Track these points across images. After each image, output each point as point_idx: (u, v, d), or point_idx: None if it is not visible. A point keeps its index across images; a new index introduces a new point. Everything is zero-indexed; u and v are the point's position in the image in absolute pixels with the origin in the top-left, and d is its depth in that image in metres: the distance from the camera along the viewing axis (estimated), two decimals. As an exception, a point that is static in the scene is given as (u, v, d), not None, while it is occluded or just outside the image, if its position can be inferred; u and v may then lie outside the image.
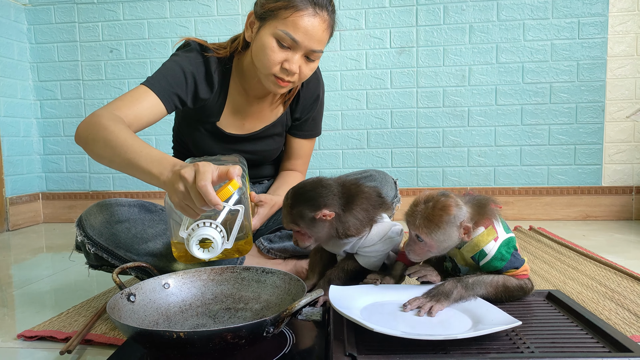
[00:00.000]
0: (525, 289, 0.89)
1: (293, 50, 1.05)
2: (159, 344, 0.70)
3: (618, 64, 2.17)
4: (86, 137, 0.96)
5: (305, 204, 0.90)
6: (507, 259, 0.86)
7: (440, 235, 0.83)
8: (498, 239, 0.87)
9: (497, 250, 0.86)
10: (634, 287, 1.17)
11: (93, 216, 1.04)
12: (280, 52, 1.05)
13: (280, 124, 1.29)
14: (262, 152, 1.30)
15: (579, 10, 2.16)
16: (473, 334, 0.67)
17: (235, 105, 1.22)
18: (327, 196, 0.90)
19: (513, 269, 0.87)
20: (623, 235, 1.89)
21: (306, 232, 0.93)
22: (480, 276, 0.86)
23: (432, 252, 0.86)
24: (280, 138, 1.32)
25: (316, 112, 1.33)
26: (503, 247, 0.87)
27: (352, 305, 0.80)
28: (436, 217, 0.82)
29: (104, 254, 1.02)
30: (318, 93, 1.30)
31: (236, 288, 0.96)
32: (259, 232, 1.36)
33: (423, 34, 2.26)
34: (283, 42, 1.04)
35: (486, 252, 0.86)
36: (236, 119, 1.24)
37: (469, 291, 0.83)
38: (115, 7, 2.40)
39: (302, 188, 0.93)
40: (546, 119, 2.22)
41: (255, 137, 1.27)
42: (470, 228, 0.84)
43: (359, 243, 0.95)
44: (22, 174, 2.43)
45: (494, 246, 0.86)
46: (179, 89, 1.10)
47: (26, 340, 0.95)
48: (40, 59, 2.48)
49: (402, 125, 2.30)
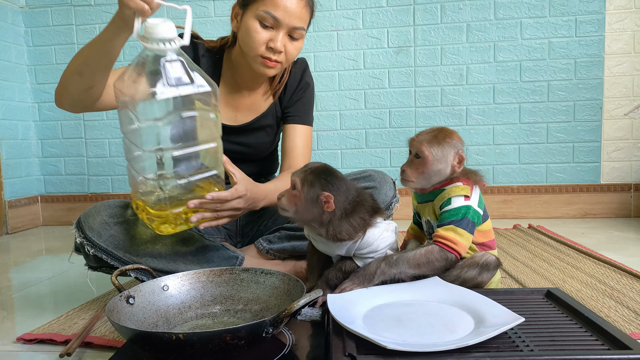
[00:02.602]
0: (449, 260, 0.91)
1: (276, 29, 1.11)
2: (158, 345, 0.70)
3: (615, 62, 2.17)
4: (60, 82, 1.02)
5: (323, 178, 0.89)
6: (458, 218, 0.91)
7: (439, 152, 0.93)
8: (468, 200, 0.93)
9: (459, 207, 0.92)
10: (633, 285, 1.17)
11: (92, 217, 1.04)
12: (264, 32, 1.11)
13: (271, 115, 1.31)
14: (255, 145, 1.32)
15: (576, 8, 2.16)
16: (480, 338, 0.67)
17: (227, 98, 1.27)
18: (340, 195, 0.90)
19: (451, 230, 0.90)
20: (622, 232, 1.89)
21: (300, 198, 0.90)
22: (405, 252, 0.91)
23: (425, 173, 0.94)
24: (271, 130, 1.33)
25: (305, 99, 1.32)
26: (465, 208, 0.92)
27: (353, 314, 0.79)
28: (441, 137, 0.94)
29: (103, 255, 1.02)
30: (307, 81, 1.32)
31: (235, 289, 0.96)
32: (259, 233, 1.36)
33: (420, 34, 2.26)
34: (265, 22, 1.10)
35: (451, 202, 0.93)
36: (228, 110, 1.28)
37: (393, 268, 0.89)
38: (112, 9, 2.40)
39: (334, 171, 0.93)
40: (544, 117, 2.23)
41: (248, 129, 1.29)
42: (464, 158, 0.94)
43: (354, 247, 0.94)
44: (21, 177, 2.43)
45: (461, 202, 0.92)
46: None
47: (25, 343, 0.95)
48: (38, 61, 2.47)
49: (401, 125, 2.30)
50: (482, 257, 0.93)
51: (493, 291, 0.92)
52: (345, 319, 0.74)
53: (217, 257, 1.16)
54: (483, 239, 0.97)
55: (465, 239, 0.91)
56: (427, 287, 0.89)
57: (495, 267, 0.93)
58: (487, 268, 0.92)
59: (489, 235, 0.99)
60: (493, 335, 0.68)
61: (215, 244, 1.18)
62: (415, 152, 0.95)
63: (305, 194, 0.89)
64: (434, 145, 0.93)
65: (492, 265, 0.93)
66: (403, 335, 0.72)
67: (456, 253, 0.90)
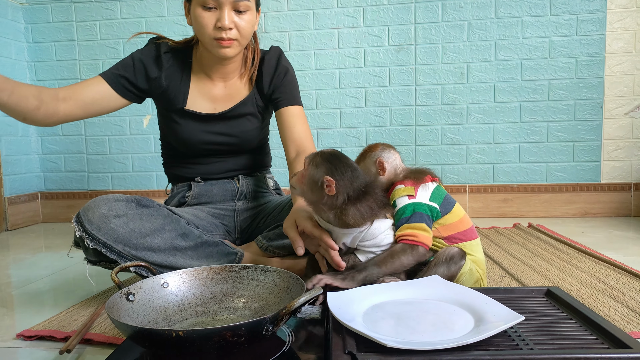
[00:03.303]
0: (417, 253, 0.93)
1: (219, 8, 1.14)
2: (158, 343, 0.70)
3: (616, 61, 2.16)
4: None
5: (329, 163, 0.91)
6: (407, 215, 0.94)
7: (362, 166, 1.03)
8: (413, 198, 0.96)
9: (404, 205, 0.96)
10: (633, 284, 1.17)
11: (91, 211, 1.04)
12: (209, 14, 1.15)
13: (250, 103, 1.32)
14: (239, 134, 1.33)
15: (577, 7, 2.15)
16: (480, 337, 0.67)
17: (202, 90, 1.31)
18: (344, 181, 0.91)
19: (405, 228, 0.94)
20: (622, 232, 1.89)
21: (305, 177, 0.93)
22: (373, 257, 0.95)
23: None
24: (254, 118, 1.34)
25: (287, 82, 1.33)
26: (410, 205, 0.96)
27: (353, 312, 0.79)
28: (363, 152, 1.06)
29: (102, 249, 1.02)
30: (284, 65, 1.33)
31: (235, 287, 0.96)
32: (258, 230, 1.36)
33: (421, 32, 2.25)
34: (207, 4, 1.14)
35: (396, 204, 0.98)
36: (206, 101, 1.31)
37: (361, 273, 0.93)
38: (112, 6, 2.39)
39: (343, 158, 0.94)
40: (545, 116, 2.22)
41: (228, 116, 1.31)
42: (383, 163, 1.01)
43: (359, 237, 0.95)
44: (21, 174, 2.43)
45: (405, 201, 0.96)
46: (126, 72, 1.25)
47: (25, 339, 0.95)
48: (38, 58, 2.47)
49: (401, 123, 2.30)
50: (445, 252, 0.96)
51: (493, 290, 0.92)
52: (345, 317, 0.74)
53: (216, 252, 1.16)
54: (448, 232, 0.99)
55: (422, 230, 0.94)
56: (427, 285, 0.89)
57: (460, 258, 0.95)
58: (453, 260, 0.94)
59: (458, 227, 1.00)
60: (493, 333, 0.68)
61: (215, 239, 1.18)
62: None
63: (309, 175, 0.92)
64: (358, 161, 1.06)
65: (457, 256, 0.95)
66: (403, 333, 0.72)
67: (420, 244, 0.93)
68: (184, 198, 1.37)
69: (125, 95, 1.26)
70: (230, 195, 1.38)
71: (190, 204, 1.36)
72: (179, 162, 1.38)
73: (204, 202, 1.37)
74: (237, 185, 1.39)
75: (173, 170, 1.40)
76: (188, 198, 1.36)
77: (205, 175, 1.37)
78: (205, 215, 1.32)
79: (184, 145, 1.32)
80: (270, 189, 1.46)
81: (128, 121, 2.45)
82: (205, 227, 1.28)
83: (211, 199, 1.37)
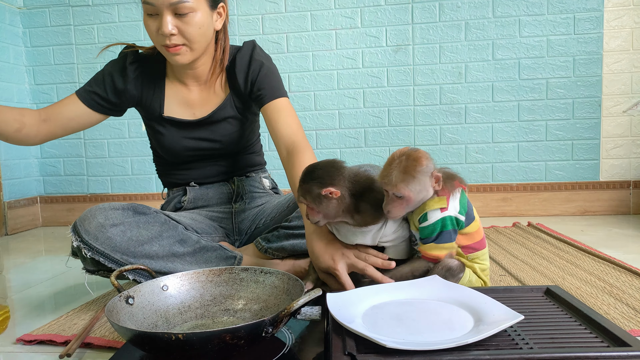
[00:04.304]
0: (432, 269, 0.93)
1: (160, 14, 1.10)
2: (158, 346, 0.70)
3: (614, 59, 2.17)
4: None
5: (313, 181, 0.92)
6: (434, 236, 0.92)
7: (417, 186, 0.89)
8: (445, 211, 0.91)
9: (437, 221, 0.91)
10: (633, 282, 1.17)
11: (87, 221, 1.04)
12: (152, 21, 1.12)
13: (229, 106, 1.29)
14: (222, 139, 1.31)
15: (574, 5, 2.16)
16: (480, 336, 0.67)
17: (177, 96, 1.29)
18: (336, 176, 0.92)
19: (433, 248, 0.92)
20: (621, 229, 1.89)
21: (314, 207, 0.94)
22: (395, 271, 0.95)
23: (410, 205, 0.92)
24: (235, 121, 1.31)
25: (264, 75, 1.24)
26: (440, 221, 0.91)
27: (352, 313, 0.79)
28: (410, 169, 0.88)
29: (100, 258, 1.02)
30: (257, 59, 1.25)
31: (235, 289, 0.96)
32: (257, 231, 1.36)
33: (419, 32, 2.26)
34: (148, 11, 1.11)
35: (427, 217, 0.92)
36: (183, 107, 1.29)
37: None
38: (110, 9, 2.40)
39: (315, 166, 0.95)
40: (543, 114, 2.23)
41: (209, 121, 1.29)
42: (440, 177, 0.91)
43: (380, 233, 0.96)
44: (20, 178, 2.43)
45: (437, 215, 0.91)
46: (98, 87, 1.24)
47: (25, 344, 0.95)
48: (36, 62, 2.47)
49: (400, 123, 2.30)
50: (442, 264, 0.94)
51: (492, 289, 0.92)
52: (344, 318, 0.74)
53: (215, 257, 1.16)
54: (468, 242, 0.97)
55: (447, 248, 0.93)
56: (427, 285, 0.89)
57: (459, 271, 0.94)
58: (450, 272, 0.93)
59: (475, 237, 0.98)
60: (492, 333, 0.68)
61: (213, 244, 1.18)
62: (393, 193, 0.91)
63: (313, 201, 0.92)
64: (410, 183, 0.89)
65: (456, 269, 0.94)
66: (402, 333, 0.72)
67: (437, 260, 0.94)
68: (179, 203, 1.37)
69: (100, 111, 1.25)
70: (226, 198, 1.38)
71: (187, 208, 1.36)
72: (170, 169, 1.37)
73: (200, 206, 1.37)
74: (232, 187, 1.39)
75: (167, 177, 1.40)
76: (184, 203, 1.36)
77: (199, 179, 1.37)
78: (203, 219, 1.32)
79: (169, 152, 1.31)
80: (266, 188, 1.45)
81: (127, 124, 2.45)
82: (205, 230, 1.28)
83: (208, 202, 1.37)
